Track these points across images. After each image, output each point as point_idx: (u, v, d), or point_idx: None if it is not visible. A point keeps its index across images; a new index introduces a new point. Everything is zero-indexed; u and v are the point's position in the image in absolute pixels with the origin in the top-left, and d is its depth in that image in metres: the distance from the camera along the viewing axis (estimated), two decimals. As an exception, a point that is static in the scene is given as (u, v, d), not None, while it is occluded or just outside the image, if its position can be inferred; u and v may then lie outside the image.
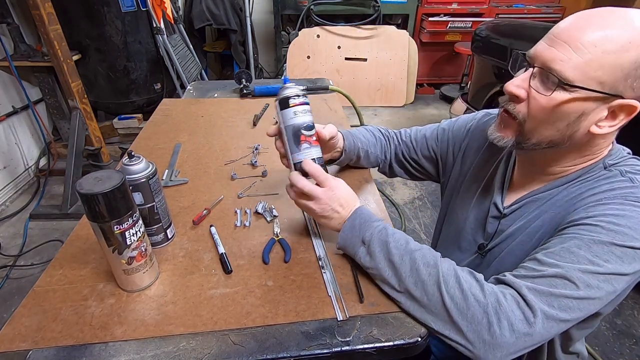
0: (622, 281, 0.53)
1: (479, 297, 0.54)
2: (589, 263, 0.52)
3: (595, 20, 0.53)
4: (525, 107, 0.59)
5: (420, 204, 2.39)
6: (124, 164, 0.67)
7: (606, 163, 0.61)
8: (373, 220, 0.67)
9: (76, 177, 2.14)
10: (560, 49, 0.53)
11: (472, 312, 0.53)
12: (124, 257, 0.62)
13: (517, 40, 2.12)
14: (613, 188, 0.57)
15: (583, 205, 0.59)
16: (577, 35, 0.52)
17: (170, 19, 2.71)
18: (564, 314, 0.52)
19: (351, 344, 0.59)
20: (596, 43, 0.51)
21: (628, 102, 0.53)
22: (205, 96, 1.52)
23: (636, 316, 1.67)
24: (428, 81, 4.07)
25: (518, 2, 3.70)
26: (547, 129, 0.58)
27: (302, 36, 3.43)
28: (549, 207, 0.64)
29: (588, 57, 0.51)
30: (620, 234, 0.52)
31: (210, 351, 0.57)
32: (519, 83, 0.59)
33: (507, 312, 0.52)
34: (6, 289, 1.78)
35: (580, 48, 0.52)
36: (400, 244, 0.63)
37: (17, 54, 2.31)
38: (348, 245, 0.67)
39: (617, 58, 0.51)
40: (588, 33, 0.52)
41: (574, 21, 0.54)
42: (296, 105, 0.69)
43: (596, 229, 0.54)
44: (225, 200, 0.90)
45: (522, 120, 0.60)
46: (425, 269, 0.59)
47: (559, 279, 0.52)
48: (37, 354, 0.56)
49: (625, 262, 0.52)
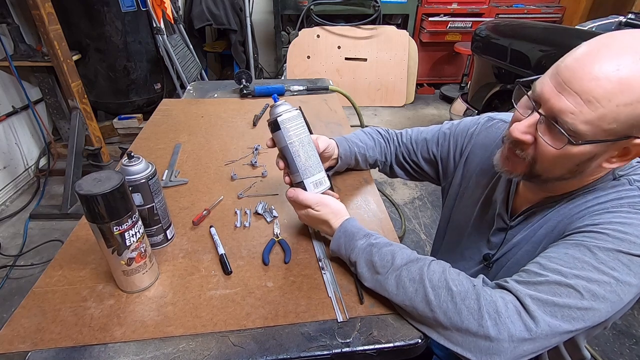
0: (629, 292, 0.51)
1: (473, 308, 0.52)
2: (595, 270, 0.50)
3: (613, 68, 0.46)
4: (533, 150, 0.57)
5: (420, 204, 2.39)
6: (124, 164, 0.67)
7: (616, 174, 0.59)
8: (357, 239, 0.66)
9: (76, 177, 2.14)
10: (570, 99, 0.49)
11: (466, 325, 0.52)
12: (124, 258, 0.62)
13: (517, 40, 2.12)
14: (620, 197, 0.56)
15: (589, 213, 0.57)
16: (591, 86, 0.47)
17: (170, 19, 2.70)
18: (567, 325, 0.50)
19: (351, 346, 0.58)
20: (611, 97, 0.46)
21: None
22: (205, 96, 1.52)
23: (636, 316, 1.67)
24: (428, 81, 4.06)
25: (518, 2, 3.70)
26: (558, 169, 0.57)
27: (302, 36, 3.43)
28: (554, 215, 0.63)
29: (601, 112, 0.47)
30: (627, 242, 0.50)
31: (210, 352, 0.57)
32: (524, 129, 0.56)
33: (507, 322, 0.50)
34: (6, 289, 1.78)
35: (593, 102, 0.47)
36: (386, 261, 0.62)
37: (17, 54, 2.31)
38: (342, 256, 0.69)
39: (633, 110, 0.47)
40: (602, 83, 0.46)
41: (585, 64, 0.48)
42: (287, 127, 0.69)
43: (602, 236, 0.52)
44: (225, 200, 0.90)
45: (532, 162, 0.58)
46: (412, 285, 0.58)
47: (563, 287, 0.51)
48: (36, 355, 0.56)
49: (632, 271, 0.50)
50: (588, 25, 2.21)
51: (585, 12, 3.64)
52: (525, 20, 3.27)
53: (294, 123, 0.69)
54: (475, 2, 3.62)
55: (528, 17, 3.62)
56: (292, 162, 0.71)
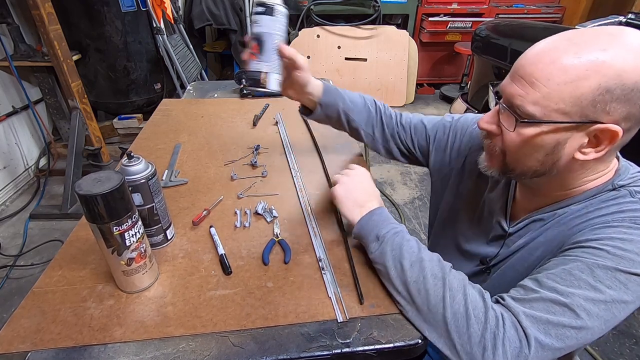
0: (623, 310, 0.50)
1: (480, 318, 0.52)
2: (591, 289, 0.50)
3: (550, 53, 0.52)
4: (500, 140, 0.60)
5: (420, 204, 2.39)
6: (124, 164, 0.67)
7: (615, 184, 0.58)
8: (391, 222, 0.68)
9: (76, 177, 2.14)
10: (518, 84, 0.54)
11: (470, 332, 0.52)
12: (124, 258, 0.62)
13: (517, 40, 2.12)
14: (622, 210, 0.55)
15: (589, 226, 0.56)
16: (531, 70, 0.52)
17: (170, 19, 2.70)
18: (559, 343, 0.50)
19: (351, 346, 0.58)
20: (549, 77, 0.51)
21: (606, 127, 0.50)
22: (205, 96, 1.52)
23: (636, 316, 1.67)
24: (428, 81, 4.06)
25: (518, 2, 3.70)
26: (527, 160, 0.58)
27: (302, 36, 3.43)
28: (553, 224, 0.62)
29: (545, 91, 0.51)
30: (626, 260, 0.50)
31: (210, 353, 0.57)
32: (488, 119, 0.60)
33: (505, 338, 0.50)
34: (6, 289, 1.78)
35: (535, 83, 0.52)
36: (413, 251, 0.62)
37: (17, 54, 2.31)
38: (363, 235, 0.69)
39: (575, 88, 0.49)
40: (541, 67, 0.52)
41: (530, 55, 0.54)
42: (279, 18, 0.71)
43: (601, 252, 0.51)
44: (225, 200, 0.90)
45: (502, 154, 0.60)
46: (432, 280, 0.58)
47: (558, 306, 0.50)
48: (36, 355, 0.56)
49: (629, 290, 0.49)
50: (588, 26, 2.20)
51: (585, 12, 3.64)
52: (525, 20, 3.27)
53: (284, 19, 0.72)
54: (475, 2, 3.62)
55: (528, 17, 3.63)
56: (268, 50, 0.72)
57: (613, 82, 0.48)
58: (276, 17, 0.70)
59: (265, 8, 0.70)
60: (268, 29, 0.71)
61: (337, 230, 0.81)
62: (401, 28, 3.56)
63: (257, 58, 0.73)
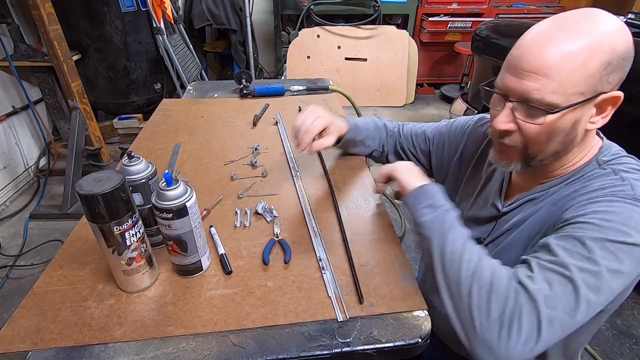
0: (619, 279, 0.52)
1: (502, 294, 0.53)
2: (585, 260, 0.52)
3: (551, 44, 0.54)
4: (520, 135, 0.61)
5: (421, 204, 2.39)
6: (124, 164, 0.67)
7: (600, 160, 0.62)
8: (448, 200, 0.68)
9: (76, 177, 2.14)
10: (531, 80, 0.55)
11: (490, 307, 0.52)
12: (124, 258, 0.62)
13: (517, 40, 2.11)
14: (604, 186, 0.58)
15: (575, 204, 0.59)
16: (541, 63, 0.54)
17: (170, 19, 2.70)
18: (567, 318, 0.50)
19: (351, 345, 0.58)
20: (561, 65, 0.53)
21: (611, 94, 0.56)
22: (205, 96, 1.52)
23: (636, 316, 1.67)
24: (428, 81, 4.06)
25: (518, 2, 3.70)
26: (550, 145, 0.60)
27: (302, 36, 3.43)
28: (544, 204, 0.66)
29: (559, 79, 0.54)
30: (613, 230, 0.52)
31: (210, 352, 0.57)
32: (504, 119, 0.61)
33: (522, 314, 0.51)
34: (6, 289, 1.78)
35: (549, 74, 0.54)
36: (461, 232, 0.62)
37: (17, 54, 2.31)
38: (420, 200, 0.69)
39: (585, 70, 0.53)
40: (548, 58, 0.54)
41: (530, 48, 0.56)
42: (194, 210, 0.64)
43: (588, 226, 0.54)
44: (225, 200, 0.90)
45: (523, 147, 0.62)
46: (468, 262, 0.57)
47: (564, 280, 0.51)
48: (36, 355, 0.56)
49: (620, 258, 0.51)
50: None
51: (585, 12, 3.63)
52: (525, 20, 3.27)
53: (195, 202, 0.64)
54: (475, 2, 3.62)
55: (528, 17, 3.62)
56: (192, 244, 0.65)
57: (610, 55, 0.53)
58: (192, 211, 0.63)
59: (172, 213, 0.61)
60: (184, 229, 0.63)
61: (337, 230, 0.81)
62: (401, 28, 3.56)
63: (182, 256, 0.66)
